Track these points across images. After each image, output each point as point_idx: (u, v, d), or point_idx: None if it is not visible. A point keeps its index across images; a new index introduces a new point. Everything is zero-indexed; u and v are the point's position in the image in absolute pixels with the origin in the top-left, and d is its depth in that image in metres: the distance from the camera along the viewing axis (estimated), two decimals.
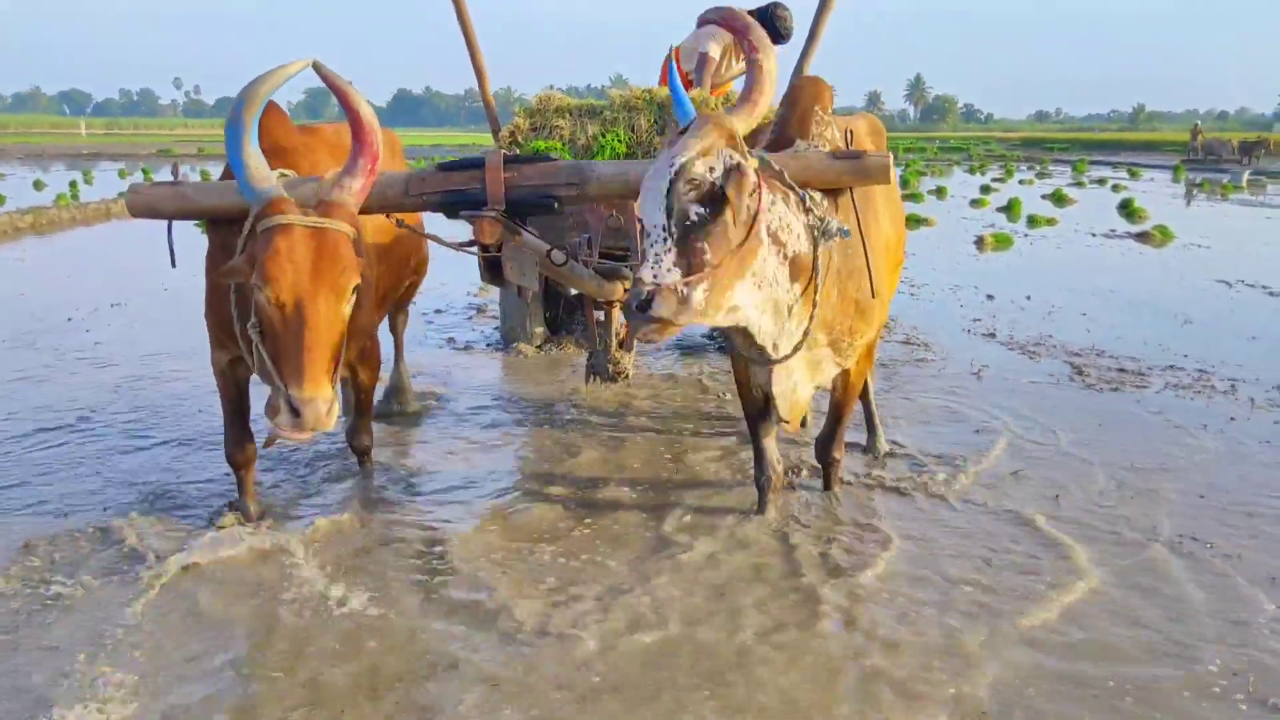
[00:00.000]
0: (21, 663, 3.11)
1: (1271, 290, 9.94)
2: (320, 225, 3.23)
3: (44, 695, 2.93)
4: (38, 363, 6.90)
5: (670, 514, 4.29)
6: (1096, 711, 2.87)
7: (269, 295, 3.17)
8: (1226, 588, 3.60)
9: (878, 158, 3.67)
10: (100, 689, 2.96)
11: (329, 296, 3.20)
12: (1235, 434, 5.36)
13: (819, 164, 3.65)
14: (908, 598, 3.55)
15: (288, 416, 3.14)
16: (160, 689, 2.97)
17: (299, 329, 3.14)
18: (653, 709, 2.88)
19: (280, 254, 3.15)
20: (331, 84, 3.45)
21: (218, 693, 2.97)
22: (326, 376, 3.18)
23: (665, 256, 2.92)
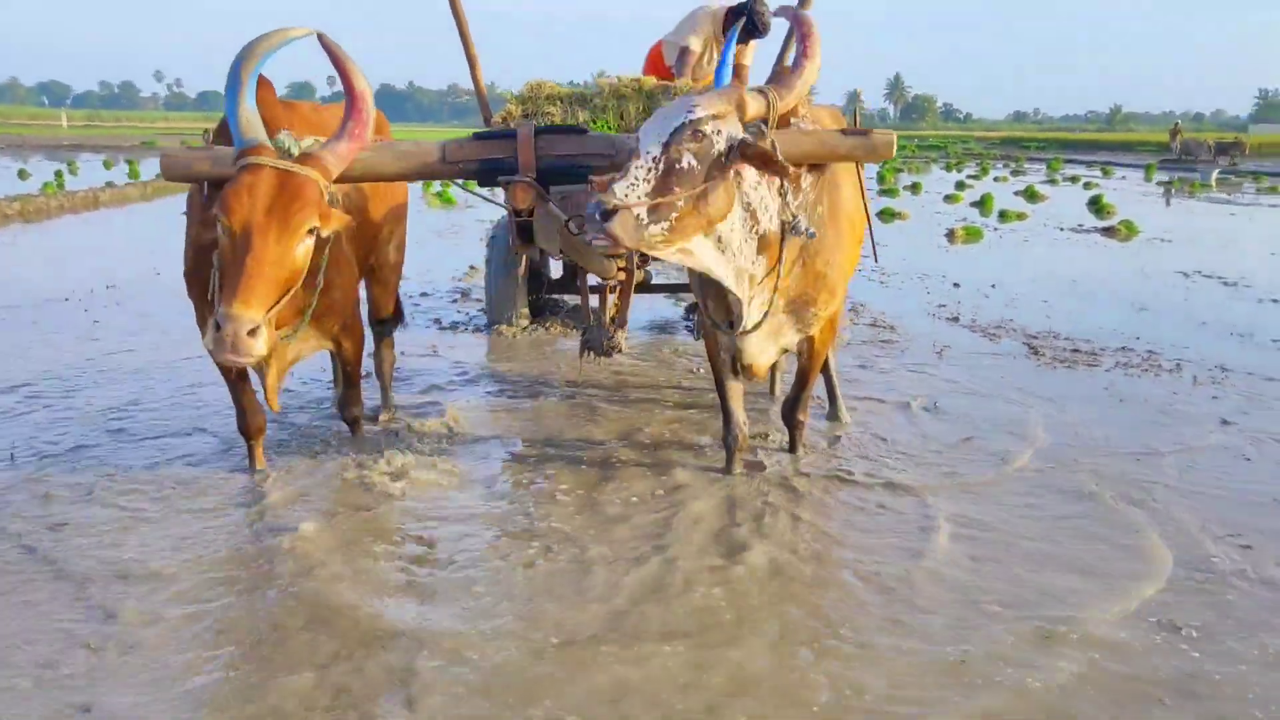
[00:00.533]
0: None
1: (1226, 280, 10.35)
2: (288, 168, 3.53)
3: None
4: (37, 339, 7.17)
5: (646, 473, 4.62)
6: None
7: (225, 223, 3.44)
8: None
9: (883, 135, 4.06)
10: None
11: (278, 230, 3.46)
12: (1172, 403, 5.75)
13: (832, 139, 4.00)
14: (855, 544, 3.90)
15: (211, 333, 3.35)
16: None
17: (244, 254, 3.40)
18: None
19: (242, 186, 3.45)
20: (333, 55, 3.76)
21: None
22: (260, 303, 3.37)
23: (640, 184, 3.25)
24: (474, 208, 19.45)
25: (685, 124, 3.35)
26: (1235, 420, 5.44)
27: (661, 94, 6.13)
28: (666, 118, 3.41)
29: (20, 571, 3.56)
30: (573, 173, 4.23)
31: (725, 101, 3.48)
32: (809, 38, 3.87)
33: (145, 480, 4.45)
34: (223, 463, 4.70)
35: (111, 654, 3.02)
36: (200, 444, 4.96)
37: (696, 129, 3.36)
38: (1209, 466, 4.75)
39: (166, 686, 2.86)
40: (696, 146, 3.36)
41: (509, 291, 7.55)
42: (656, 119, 3.44)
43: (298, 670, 2.95)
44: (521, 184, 4.17)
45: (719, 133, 3.41)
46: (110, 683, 2.88)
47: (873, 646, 3.12)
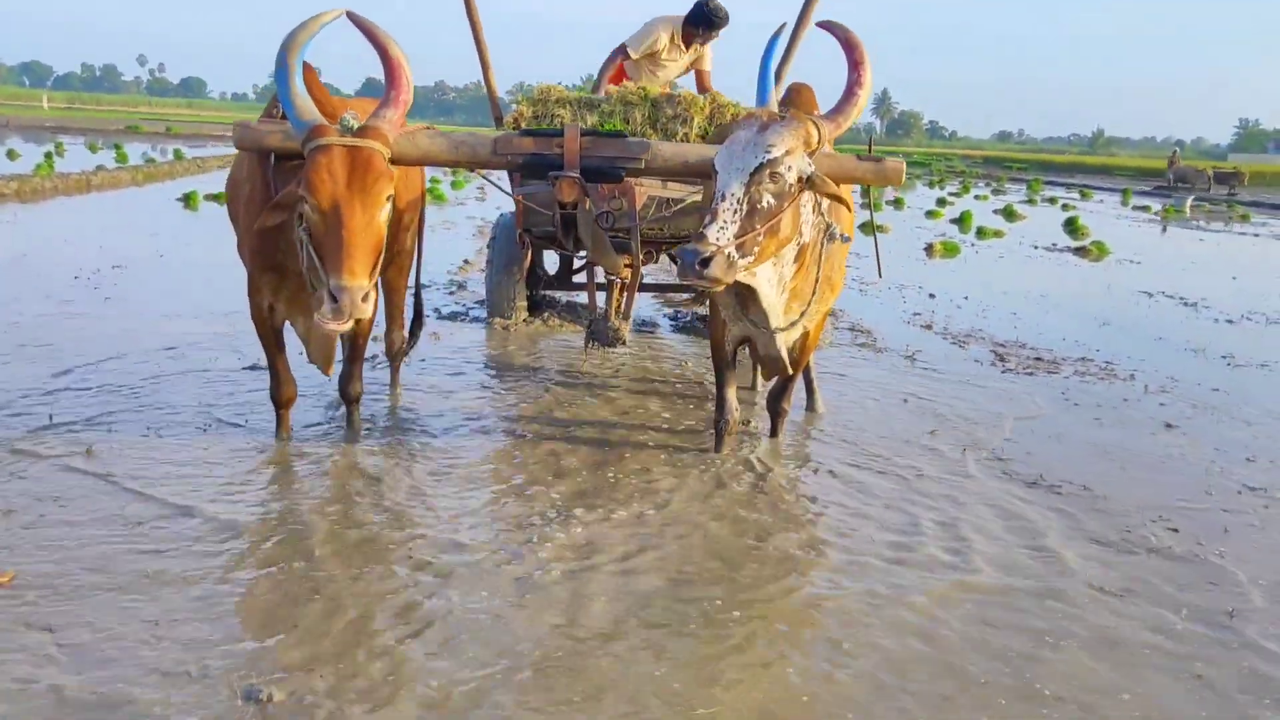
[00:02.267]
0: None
1: (1186, 300, 10.88)
2: (355, 144, 3.83)
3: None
4: (58, 310, 7.51)
5: (641, 452, 5.04)
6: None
7: (313, 203, 3.75)
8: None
9: (894, 162, 4.48)
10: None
11: (364, 200, 3.77)
12: (1121, 407, 6.22)
13: (850, 164, 4.39)
14: (822, 512, 4.34)
15: (329, 305, 3.67)
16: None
17: (338, 228, 3.71)
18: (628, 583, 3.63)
19: (321, 167, 3.75)
20: (365, 29, 4.07)
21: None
22: (364, 270, 3.72)
23: (729, 226, 3.65)
24: (464, 205, 19.83)
25: (764, 164, 3.74)
26: (1178, 424, 5.92)
27: (665, 102, 6.55)
28: (745, 153, 3.76)
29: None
30: (610, 172, 4.67)
31: (795, 138, 3.84)
32: (861, 65, 4.10)
33: (180, 437, 4.83)
34: (247, 436, 5.08)
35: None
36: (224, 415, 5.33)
37: (774, 170, 3.76)
38: (1148, 462, 5.21)
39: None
40: (774, 186, 3.77)
41: (509, 287, 7.94)
42: (734, 153, 3.79)
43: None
44: (568, 179, 4.61)
45: (790, 169, 3.81)
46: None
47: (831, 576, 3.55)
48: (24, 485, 4.16)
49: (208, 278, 9.33)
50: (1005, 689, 3.02)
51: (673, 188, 6.35)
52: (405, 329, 6.07)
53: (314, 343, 4.60)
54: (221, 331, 7.02)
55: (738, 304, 4.42)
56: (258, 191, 4.43)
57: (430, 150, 4.56)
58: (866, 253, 11.71)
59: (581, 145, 4.69)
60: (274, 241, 4.30)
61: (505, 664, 3.03)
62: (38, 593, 3.28)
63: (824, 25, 4.43)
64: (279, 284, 4.49)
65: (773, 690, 2.98)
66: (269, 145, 4.23)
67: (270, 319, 4.70)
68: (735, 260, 3.69)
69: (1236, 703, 3.02)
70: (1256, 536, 4.29)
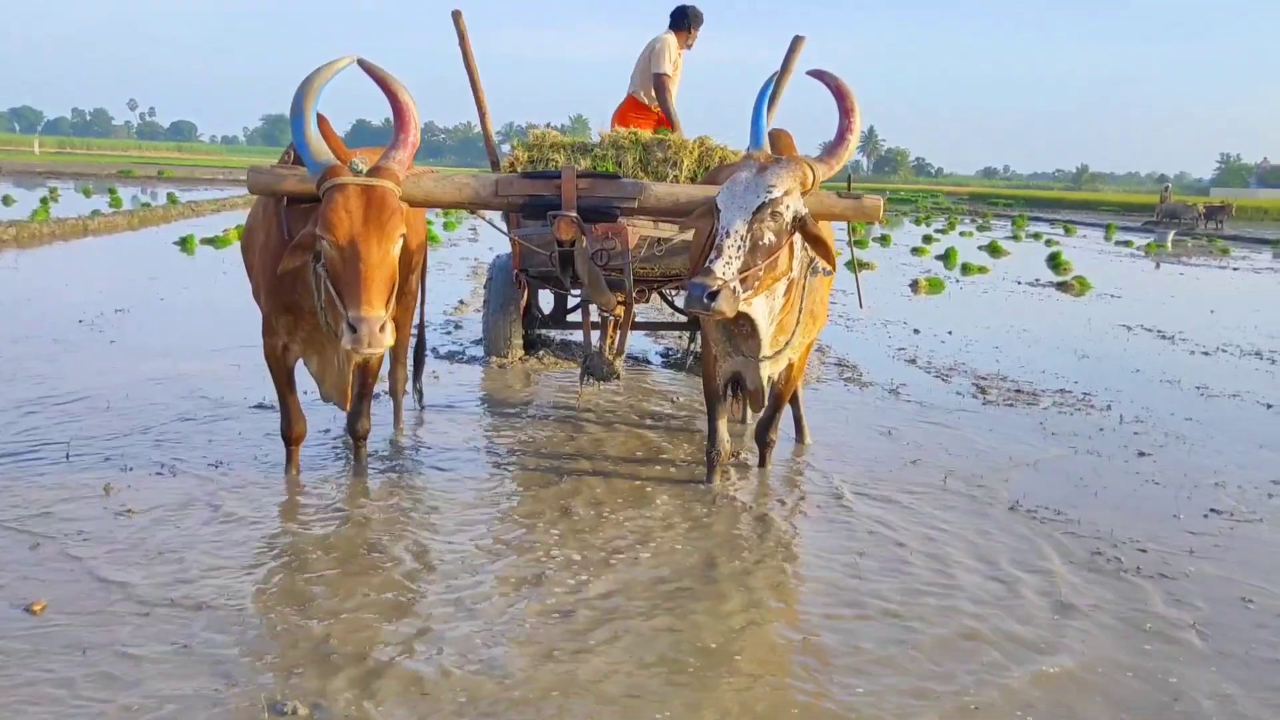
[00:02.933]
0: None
1: (1164, 333, 11.17)
2: (369, 183, 4.05)
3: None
4: (66, 353, 7.72)
5: (637, 481, 5.26)
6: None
7: (331, 239, 3.95)
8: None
9: (873, 199, 4.79)
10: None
11: (379, 236, 3.98)
12: (1096, 438, 6.46)
13: (831, 201, 4.69)
14: (808, 538, 4.55)
15: (349, 336, 3.88)
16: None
17: (355, 263, 3.93)
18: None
19: (338, 205, 3.97)
20: (377, 76, 4.33)
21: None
22: (381, 302, 3.93)
23: (734, 261, 3.93)
24: (458, 245, 20.11)
25: (766, 204, 4.04)
26: (1151, 453, 6.16)
27: (656, 146, 6.85)
28: (746, 193, 4.05)
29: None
30: (606, 211, 4.95)
31: (793, 179, 4.14)
32: (851, 112, 4.41)
33: (194, 475, 5.03)
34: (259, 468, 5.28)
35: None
36: (239, 450, 5.54)
37: (774, 209, 4.06)
38: (1121, 488, 5.45)
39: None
40: (774, 224, 4.07)
41: (505, 326, 8.17)
42: (736, 193, 4.07)
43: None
44: (566, 218, 4.89)
45: (788, 208, 4.12)
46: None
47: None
48: (48, 521, 4.35)
49: (209, 320, 9.57)
50: (981, 697, 3.23)
51: (663, 228, 6.61)
52: (409, 368, 6.31)
53: (328, 380, 4.83)
54: (227, 373, 7.23)
55: (726, 337, 4.67)
56: (273, 236, 4.66)
57: (434, 192, 4.83)
58: (850, 288, 12.04)
59: (578, 186, 4.97)
60: (289, 284, 4.52)
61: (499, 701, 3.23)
62: (69, 618, 3.47)
63: (814, 74, 4.74)
64: (293, 325, 4.71)
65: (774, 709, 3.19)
66: (283, 189, 4.46)
67: (284, 359, 4.91)
68: (739, 293, 3.95)
69: (1202, 707, 3.23)
70: (1219, 555, 4.52)
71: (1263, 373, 9.08)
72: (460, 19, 6.87)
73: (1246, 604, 4.00)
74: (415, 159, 4.48)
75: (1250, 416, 7.31)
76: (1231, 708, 3.23)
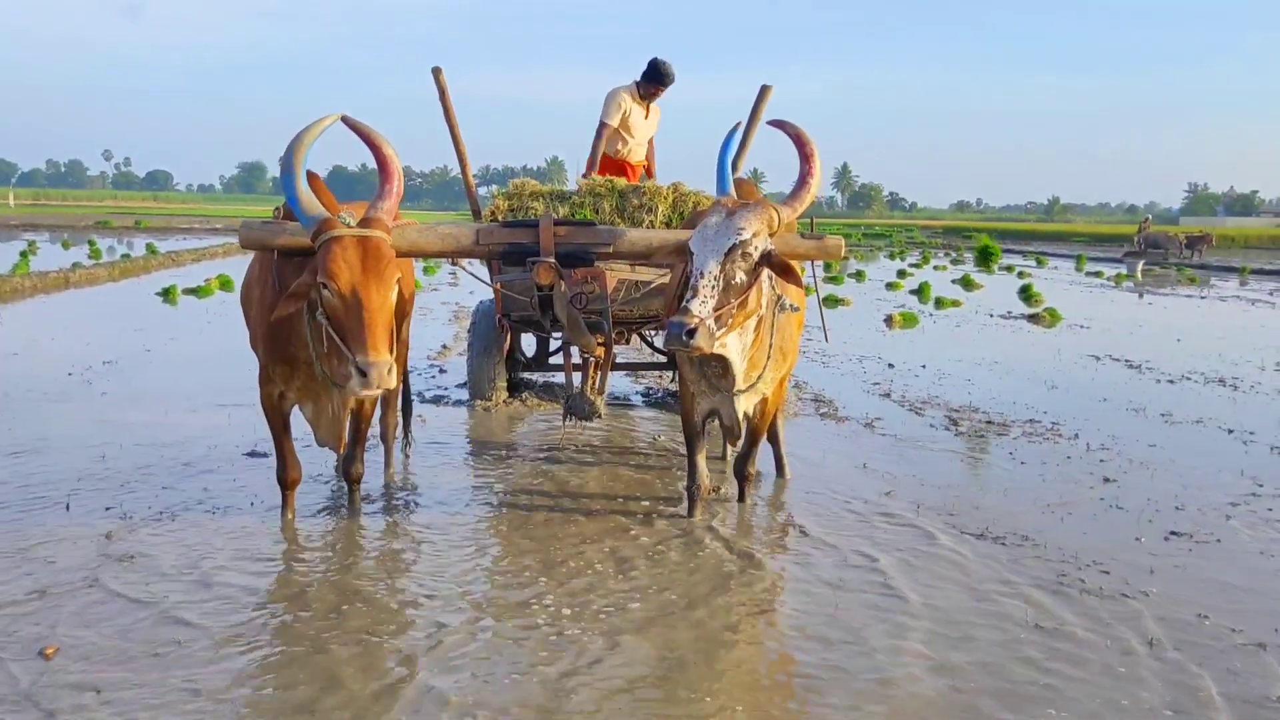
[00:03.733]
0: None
1: (1131, 363, 11.47)
2: (364, 234, 4.26)
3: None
4: (56, 405, 7.86)
5: (622, 516, 5.45)
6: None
7: (334, 288, 4.13)
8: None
9: (834, 239, 5.11)
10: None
11: (378, 283, 4.18)
12: (1063, 466, 6.70)
13: (795, 241, 4.99)
14: (787, 568, 4.75)
15: (358, 379, 4.06)
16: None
17: (359, 310, 4.11)
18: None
19: (337, 256, 4.16)
20: (358, 130, 4.53)
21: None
22: (385, 346, 4.11)
23: (709, 300, 4.19)
24: (439, 290, 20.31)
25: (736, 245, 4.30)
26: (1116, 479, 6.40)
27: (632, 193, 7.10)
28: (718, 236, 4.32)
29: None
30: (583, 256, 5.19)
31: (761, 221, 4.43)
32: (811, 158, 4.73)
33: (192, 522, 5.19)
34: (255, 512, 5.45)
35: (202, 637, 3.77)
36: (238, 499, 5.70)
37: (745, 250, 4.32)
38: (1086, 513, 5.68)
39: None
40: (745, 264, 4.34)
41: (489, 369, 8.37)
42: (708, 236, 4.34)
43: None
44: (545, 264, 5.13)
45: (757, 248, 4.38)
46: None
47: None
48: (53, 570, 4.50)
49: (197, 371, 9.72)
50: (948, 703, 3.43)
51: (641, 271, 6.85)
52: (399, 414, 6.50)
53: (323, 426, 5.01)
54: (218, 422, 7.39)
55: (702, 374, 4.89)
56: (267, 289, 4.86)
57: (419, 242, 5.05)
58: (829, 326, 12.34)
59: (556, 233, 5.21)
60: (284, 335, 4.73)
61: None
62: (83, 662, 3.63)
63: (775, 124, 5.03)
64: (289, 374, 4.89)
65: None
66: (278, 244, 4.67)
67: (280, 406, 5.08)
68: (714, 330, 4.19)
69: (1162, 716, 3.43)
70: (1177, 575, 4.74)
71: (1225, 399, 9.36)
72: (441, 75, 7.13)
73: (1202, 619, 4.22)
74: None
75: (1212, 442, 7.57)
76: (1188, 707, 3.44)
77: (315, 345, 4.52)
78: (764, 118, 7.14)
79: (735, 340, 4.58)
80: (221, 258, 28.69)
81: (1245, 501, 5.93)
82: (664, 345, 4.36)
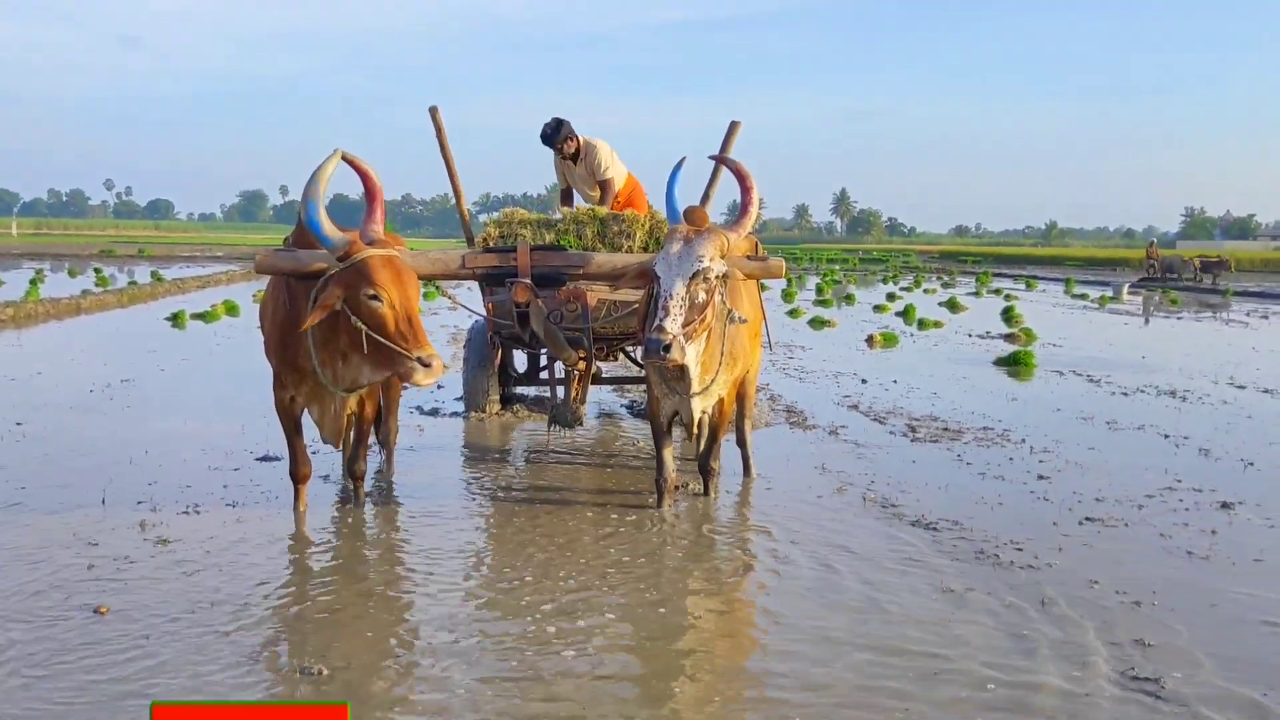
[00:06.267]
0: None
1: (1092, 377, 12.13)
2: (392, 252, 4.99)
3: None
4: (82, 418, 8.53)
5: (600, 508, 6.11)
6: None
7: (386, 298, 4.77)
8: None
9: (776, 261, 5.88)
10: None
11: (414, 290, 4.93)
12: (1004, 466, 7.36)
13: (742, 262, 5.66)
14: (744, 550, 5.41)
15: (422, 371, 4.73)
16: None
17: (409, 314, 4.82)
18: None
19: (387, 271, 4.84)
20: (352, 163, 5.14)
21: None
22: (428, 340, 4.84)
23: (679, 317, 4.92)
24: (437, 314, 20.99)
25: (699, 270, 5.06)
26: (1049, 476, 7.05)
27: (612, 221, 7.77)
28: (681, 261, 5.06)
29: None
30: (556, 278, 5.93)
31: (716, 247, 5.19)
32: (750, 190, 5.53)
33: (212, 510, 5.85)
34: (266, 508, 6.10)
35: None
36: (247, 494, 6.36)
37: (705, 274, 5.08)
38: (1015, 505, 6.33)
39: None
40: (705, 285, 5.11)
41: (483, 383, 9.04)
42: (672, 261, 5.07)
43: None
44: (522, 284, 5.88)
45: (715, 271, 5.13)
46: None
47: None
48: (96, 551, 5.15)
49: (209, 388, 10.40)
50: (870, 643, 4.08)
51: (621, 293, 7.53)
52: (398, 420, 7.18)
53: (326, 426, 5.67)
54: (233, 431, 8.04)
55: (663, 379, 5.57)
56: (279, 307, 5.57)
57: (414, 267, 5.73)
58: (811, 345, 12.99)
59: (531, 258, 5.95)
60: (293, 347, 5.42)
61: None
62: (138, 624, 4.28)
63: (718, 159, 5.80)
64: (299, 380, 5.56)
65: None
66: (285, 269, 5.33)
67: (291, 408, 5.76)
68: (684, 342, 4.90)
69: (1057, 655, 4.07)
70: (1082, 551, 5.40)
71: (1172, 409, 10.01)
72: (438, 114, 7.84)
73: (1093, 584, 4.87)
74: (397, 231, 5.40)
75: (1148, 445, 8.22)
76: (1065, 649, 4.08)
77: (317, 354, 5.20)
78: (733, 151, 7.84)
79: (692, 350, 5.26)
80: (225, 284, 29.48)
81: (1161, 494, 6.58)
82: (642, 358, 5.13)
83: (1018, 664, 4.01)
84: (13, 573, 4.81)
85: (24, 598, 4.50)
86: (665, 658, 4.08)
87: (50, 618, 4.28)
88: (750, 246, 6.54)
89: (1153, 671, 3.93)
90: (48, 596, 4.52)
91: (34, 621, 4.24)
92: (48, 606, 4.40)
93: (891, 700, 3.70)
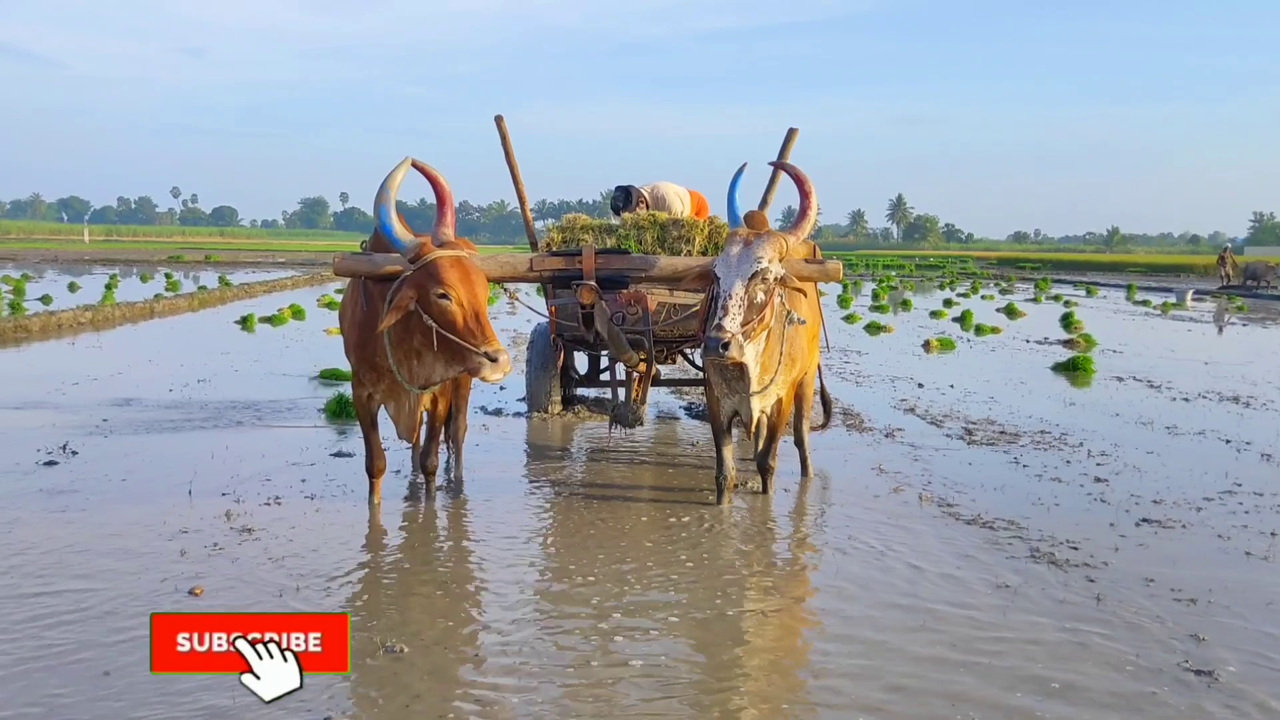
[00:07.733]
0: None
1: (1152, 383, 12.07)
2: (461, 253, 5.22)
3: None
4: (165, 416, 8.90)
5: (660, 504, 6.30)
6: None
7: (455, 296, 5.01)
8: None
9: (834, 264, 6.02)
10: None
11: (483, 289, 5.15)
12: (1061, 468, 7.42)
13: (799, 266, 5.82)
14: (802, 546, 5.56)
15: (489, 367, 4.97)
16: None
17: (476, 312, 5.05)
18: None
19: (451, 269, 5.07)
20: (423, 170, 5.38)
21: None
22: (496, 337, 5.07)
23: (738, 316, 5.08)
24: (497, 318, 21.35)
25: (758, 271, 5.22)
26: (1107, 479, 7.10)
27: (671, 226, 7.97)
28: (740, 263, 5.22)
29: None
30: (620, 281, 6.15)
31: (774, 249, 5.35)
32: (809, 195, 5.72)
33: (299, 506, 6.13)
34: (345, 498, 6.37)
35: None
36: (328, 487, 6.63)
37: (764, 275, 5.23)
38: (1071, 506, 6.40)
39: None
40: (764, 286, 5.26)
41: (545, 384, 9.28)
42: (732, 263, 5.24)
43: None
44: (587, 286, 6.09)
45: (773, 273, 5.28)
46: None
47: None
48: (187, 538, 5.44)
49: (281, 389, 10.75)
50: (925, 636, 4.21)
51: (680, 296, 7.72)
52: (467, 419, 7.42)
53: (402, 422, 5.93)
54: (307, 430, 8.37)
55: (724, 379, 5.74)
56: (357, 309, 5.84)
57: (484, 268, 5.98)
58: (868, 350, 13.07)
59: (596, 261, 6.17)
60: (372, 347, 5.68)
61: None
62: (230, 605, 4.54)
63: (777, 165, 5.95)
64: (376, 378, 5.82)
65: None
66: (362, 272, 5.58)
67: (369, 405, 6.02)
68: (742, 341, 5.06)
69: (1111, 650, 4.18)
70: (1138, 551, 5.47)
71: (1234, 415, 9.96)
72: (503, 123, 8.10)
73: (1149, 583, 4.95)
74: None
75: (1208, 450, 8.22)
76: (1120, 643, 4.19)
77: (393, 353, 5.44)
78: (790, 157, 8.00)
79: (751, 349, 5.42)
80: (290, 289, 30.17)
81: (1220, 497, 6.61)
82: (703, 356, 5.30)
83: (1072, 657, 4.12)
84: (113, 557, 5.11)
85: (123, 577, 4.81)
86: (724, 652, 4.25)
87: (151, 597, 4.56)
88: (809, 250, 6.70)
89: (1207, 665, 4.02)
90: (144, 579, 4.81)
91: (140, 599, 4.53)
92: (150, 588, 4.69)
93: (943, 700, 3.81)
